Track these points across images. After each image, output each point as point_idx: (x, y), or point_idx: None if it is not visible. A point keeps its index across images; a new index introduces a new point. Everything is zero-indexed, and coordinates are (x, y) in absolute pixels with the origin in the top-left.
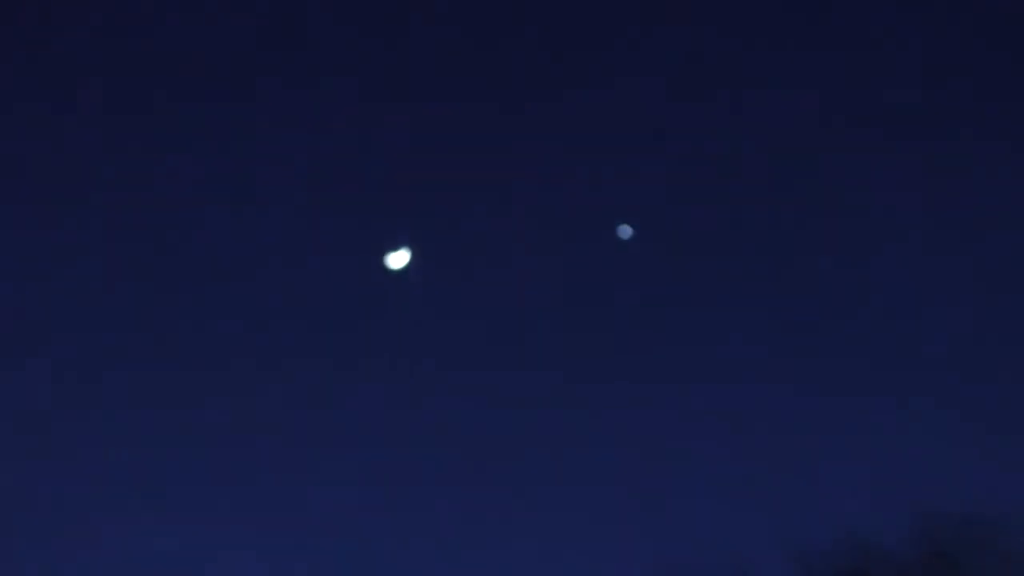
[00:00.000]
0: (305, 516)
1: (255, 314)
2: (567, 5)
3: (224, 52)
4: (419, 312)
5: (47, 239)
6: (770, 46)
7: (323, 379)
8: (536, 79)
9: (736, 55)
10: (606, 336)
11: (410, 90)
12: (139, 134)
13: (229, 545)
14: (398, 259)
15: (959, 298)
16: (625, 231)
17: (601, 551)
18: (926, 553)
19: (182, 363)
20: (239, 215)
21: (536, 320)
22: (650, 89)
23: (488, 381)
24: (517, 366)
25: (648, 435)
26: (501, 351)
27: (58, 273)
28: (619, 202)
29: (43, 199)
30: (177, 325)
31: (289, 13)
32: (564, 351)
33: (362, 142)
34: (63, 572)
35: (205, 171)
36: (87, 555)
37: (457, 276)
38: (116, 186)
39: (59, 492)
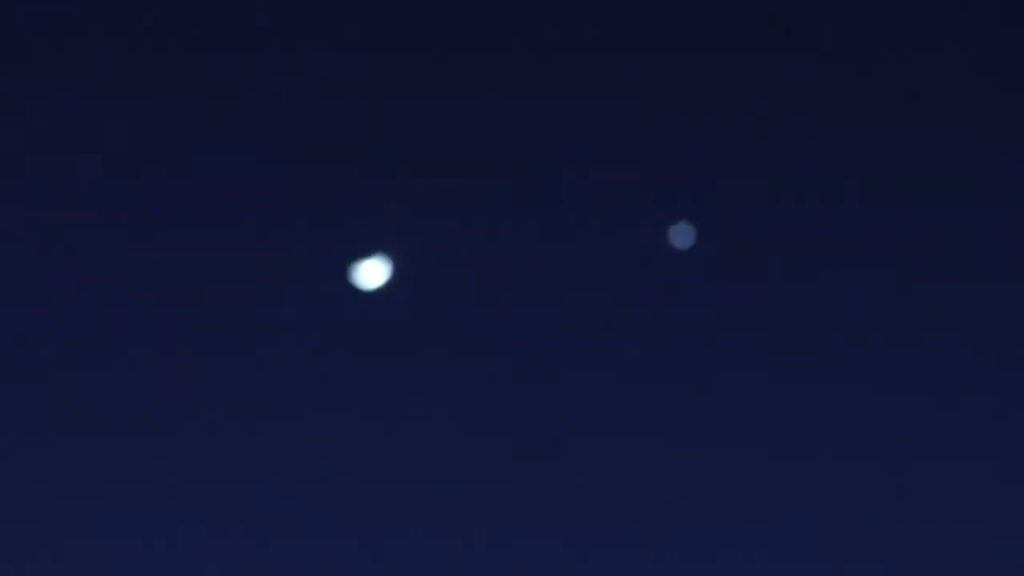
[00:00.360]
0: (301, 519)
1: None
2: (578, 4)
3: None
4: (404, 331)
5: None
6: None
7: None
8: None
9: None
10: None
11: (411, 89)
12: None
13: (227, 545)
14: (373, 273)
15: None
16: (685, 235)
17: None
18: None
19: (163, 373)
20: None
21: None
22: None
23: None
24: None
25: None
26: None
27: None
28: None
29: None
30: (156, 336)
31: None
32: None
33: (350, 144)
34: (61, 571)
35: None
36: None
37: (452, 290)
38: (93, 188)
39: (54, 490)
